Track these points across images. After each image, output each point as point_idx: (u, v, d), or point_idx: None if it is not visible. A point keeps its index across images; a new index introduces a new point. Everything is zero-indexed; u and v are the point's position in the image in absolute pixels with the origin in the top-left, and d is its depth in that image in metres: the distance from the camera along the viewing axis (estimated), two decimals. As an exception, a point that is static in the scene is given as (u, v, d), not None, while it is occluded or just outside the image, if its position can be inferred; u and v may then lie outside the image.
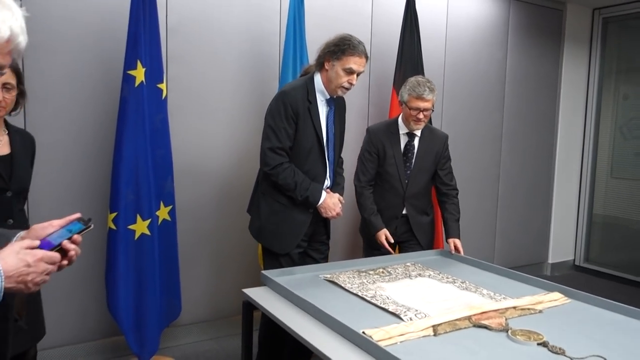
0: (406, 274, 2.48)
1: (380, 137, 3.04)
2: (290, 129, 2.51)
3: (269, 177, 2.57)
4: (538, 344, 1.71)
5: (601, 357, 1.62)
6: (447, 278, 2.42)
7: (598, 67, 5.50)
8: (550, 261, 5.55)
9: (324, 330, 1.82)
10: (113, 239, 2.79)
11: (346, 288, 2.22)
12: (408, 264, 2.66)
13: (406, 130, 3.02)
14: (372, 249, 3.01)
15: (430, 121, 3.48)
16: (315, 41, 2.69)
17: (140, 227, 2.82)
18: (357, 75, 2.55)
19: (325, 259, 2.83)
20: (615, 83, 5.50)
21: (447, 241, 2.96)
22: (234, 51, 3.48)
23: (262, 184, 2.69)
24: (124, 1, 2.92)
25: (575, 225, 5.71)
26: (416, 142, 3.04)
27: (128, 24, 2.79)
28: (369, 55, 3.91)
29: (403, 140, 3.04)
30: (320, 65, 2.56)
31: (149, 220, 2.84)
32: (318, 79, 2.58)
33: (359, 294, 2.15)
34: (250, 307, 2.19)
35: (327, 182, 2.69)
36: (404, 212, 3.05)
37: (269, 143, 2.52)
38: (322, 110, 2.60)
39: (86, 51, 3.00)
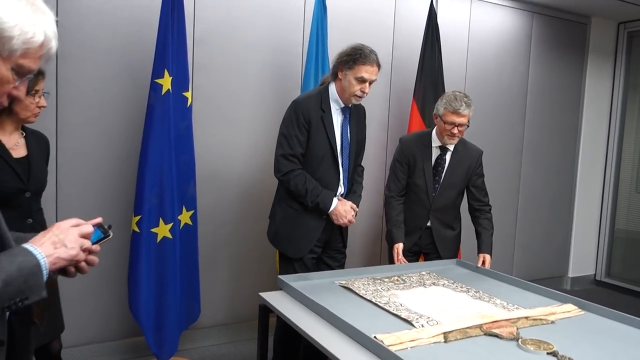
0: (421, 282, 2.51)
1: (412, 148, 3.02)
2: (302, 136, 2.58)
3: (282, 183, 2.66)
4: (548, 354, 1.73)
5: (610, 367, 1.65)
6: (461, 287, 2.45)
7: (622, 81, 5.45)
8: (570, 275, 5.49)
9: (336, 333, 1.87)
10: (136, 242, 2.88)
11: (360, 294, 2.26)
12: (423, 272, 2.70)
13: (439, 144, 2.98)
14: None
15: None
16: (337, 52, 2.75)
17: (163, 230, 2.90)
18: (370, 83, 2.59)
19: (341, 267, 2.87)
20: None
21: (478, 255, 2.94)
22: (258, 61, 3.57)
23: (279, 191, 2.78)
24: (153, 13, 3.04)
25: (596, 239, 5.64)
26: (448, 156, 3.00)
27: (157, 35, 2.90)
28: (390, 67, 4.05)
29: (435, 154, 3.01)
30: (334, 75, 2.63)
31: (171, 224, 2.92)
32: (332, 88, 2.65)
33: (373, 300, 2.19)
34: (266, 310, 2.25)
35: (341, 190, 2.74)
36: (428, 224, 3.04)
37: (282, 150, 2.61)
38: (337, 118, 2.66)
39: (116, 60, 3.12)
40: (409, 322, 1.94)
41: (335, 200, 2.65)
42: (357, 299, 2.23)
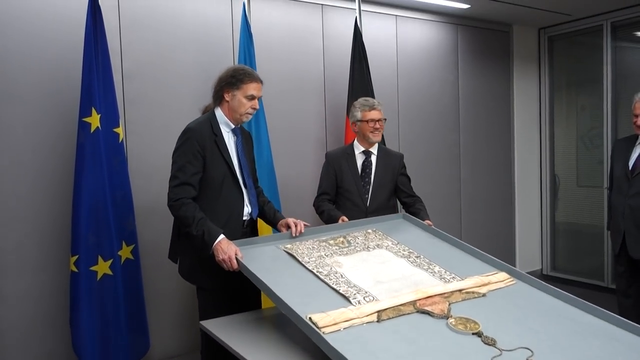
0: (365, 244, 2.55)
1: (338, 159, 3.22)
2: (198, 163, 2.48)
3: (171, 209, 2.50)
4: (473, 334, 1.79)
5: (529, 349, 1.71)
6: (403, 251, 2.49)
7: (548, 83, 5.74)
8: (520, 272, 5.64)
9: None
10: (75, 282, 2.83)
11: (303, 263, 2.27)
12: (369, 230, 2.73)
13: (362, 149, 3.20)
14: None
15: (383, 141, 3.64)
16: (267, 78, 2.81)
17: (102, 267, 2.87)
18: (258, 100, 2.62)
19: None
20: (570, 96, 5.72)
21: None
22: (190, 91, 3.60)
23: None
24: (77, 52, 3.02)
25: (539, 235, 5.85)
26: (373, 159, 3.21)
27: (81, 73, 2.91)
28: (323, 86, 4.18)
29: (360, 159, 3.21)
30: (219, 98, 2.60)
31: (110, 261, 2.90)
32: (219, 112, 2.61)
33: (314, 270, 2.21)
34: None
35: (248, 209, 2.64)
36: None
37: (175, 180, 2.48)
38: (229, 140, 2.62)
39: (44, 102, 3.10)
40: (347, 298, 1.98)
41: (221, 235, 2.40)
42: (299, 268, 2.24)
